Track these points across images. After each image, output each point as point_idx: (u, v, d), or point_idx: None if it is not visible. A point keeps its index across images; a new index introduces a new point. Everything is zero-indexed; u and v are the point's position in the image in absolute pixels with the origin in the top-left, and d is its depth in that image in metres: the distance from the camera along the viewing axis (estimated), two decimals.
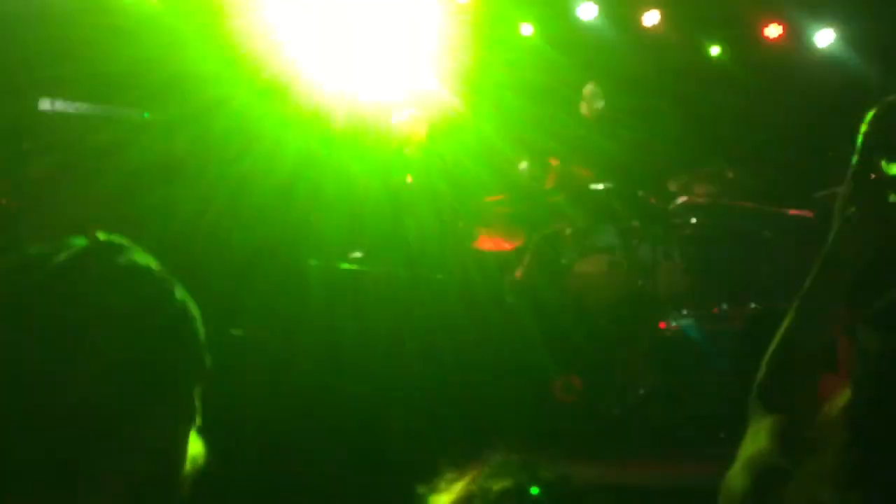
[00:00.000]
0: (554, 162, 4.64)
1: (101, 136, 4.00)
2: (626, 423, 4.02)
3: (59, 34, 4.06)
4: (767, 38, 6.70)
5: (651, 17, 6.67)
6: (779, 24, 6.68)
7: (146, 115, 4.08)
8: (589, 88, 5.68)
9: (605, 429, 4.00)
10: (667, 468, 3.47)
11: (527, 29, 6.53)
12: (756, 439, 1.27)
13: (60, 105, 4.09)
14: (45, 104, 4.06)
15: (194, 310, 0.82)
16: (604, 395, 4.06)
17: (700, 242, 4.61)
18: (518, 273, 5.15)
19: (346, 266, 3.21)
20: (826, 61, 6.65)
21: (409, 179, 3.91)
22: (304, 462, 2.61)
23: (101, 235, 0.81)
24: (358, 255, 3.68)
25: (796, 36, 6.73)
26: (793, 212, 5.24)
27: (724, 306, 4.36)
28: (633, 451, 3.78)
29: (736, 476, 1.22)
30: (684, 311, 4.43)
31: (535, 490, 0.94)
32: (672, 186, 4.95)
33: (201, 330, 0.81)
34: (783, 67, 6.61)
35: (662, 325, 4.36)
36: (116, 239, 0.81)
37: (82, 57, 4.03)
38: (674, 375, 4.14)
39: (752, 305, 4.29)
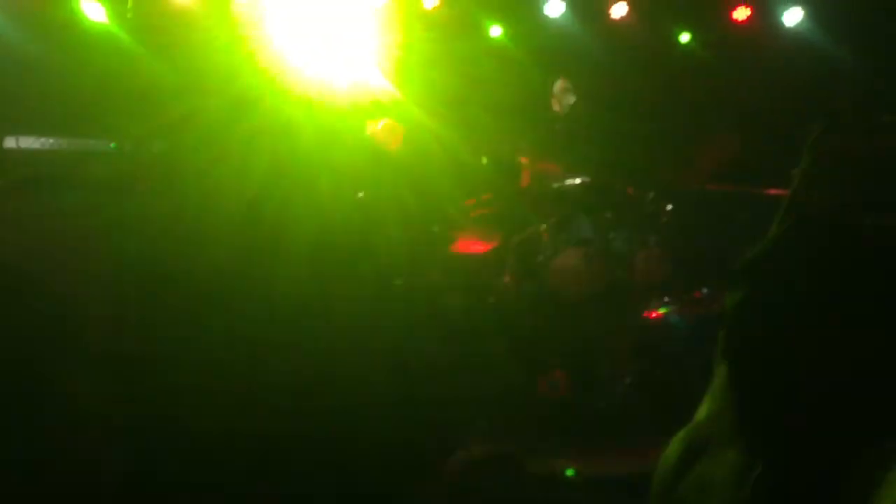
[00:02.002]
0: (525, 160, 4.63)
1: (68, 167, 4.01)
2: (614, 415, 4.01)
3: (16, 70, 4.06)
4: (736, 20, 6.71)
5: (619, 9, 6.68)
6: (746, 7, 6.70)
7: (113, 145, 4.08)
8: (559, 84, 5.69)
9: (592, 422, 3.99)
10: (652, 459, 3.46)
11: (494, 30, 6.54)
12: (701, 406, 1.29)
13: (26, 142, 4.09)
14: (10, 142, 4.06)
15: None
16: (589, 389, 4.04)
17: (677, 228, 4.61)
18: (505, 277, 5.15)
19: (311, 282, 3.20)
20: (796, 41, 6.66)
21: (376, 190, 3.90)
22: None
23: None
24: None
25: (765, 17, 6.75)
26: (770, 191, 5.24)
27: (706, 290, 4.34)
28: (621, 442, 3.77)
29: (671, 445, 1.21)
30: (666, 299, 4.42)
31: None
32: (647, 175, 4.94)
33: None
34: (753, 49, 6.62)
35: (647, 314, 4.35)
36: None
37: (43, 90, 4.04)
38: (659, 363, 4.13)
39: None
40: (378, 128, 5.37)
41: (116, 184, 3.63)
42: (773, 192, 5.38)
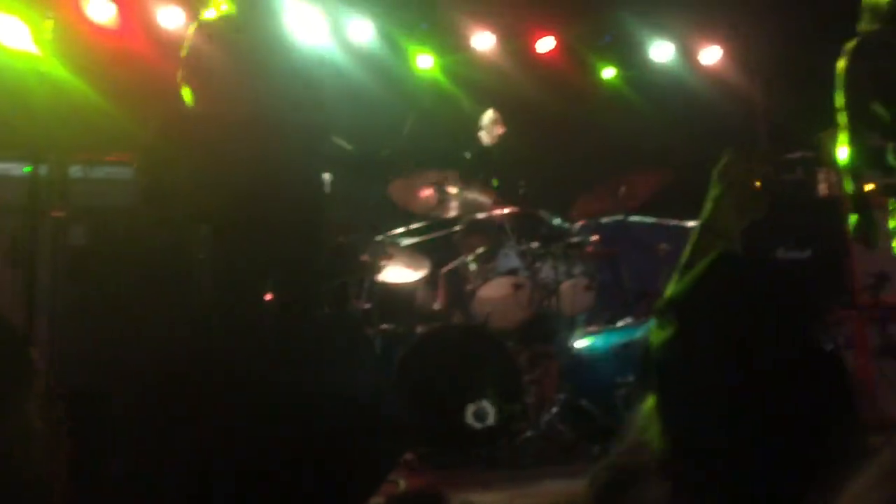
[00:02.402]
0: (454, 190, 4.68)
1: None
2: (541, 444, 4.04)
3: None
4: (657, 58, 6.94)
5: (545, 44, 6.84)
6: (668, 44, 6.94)
7: (27, 169, 3.95)
8: (488, 116, 5.77)
9: (519, 451, 4.01)
10: (579, 487, 3.49)
11: (425, 61, 6.61)
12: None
13: None
14: None
15: None
16: (516, 418, 4.07)
17: (601, 258, 4.70)
18: (436, 304, 5.17)
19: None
20: (714, 78, 6.92)
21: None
22: None
23: None
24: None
25: (685, 55, 7.00)
26: (689, 223, 5.40)
27: (628, 320, 4.43)
28: (548, 472, 3.80)
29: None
30: (591, 328, 4.49)
31: None
32: (572, 206, 5.04)
33: None
34: (674, 85, 6.85)
35: (572, 343, 4.41)
36: None
37: None
38: (584, 391, 4.18)
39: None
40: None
41: (30, 208, 3.52)
42: (692, 223, 5.55)
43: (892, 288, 4.17)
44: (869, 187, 4.88)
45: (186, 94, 3.06)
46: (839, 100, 3.39)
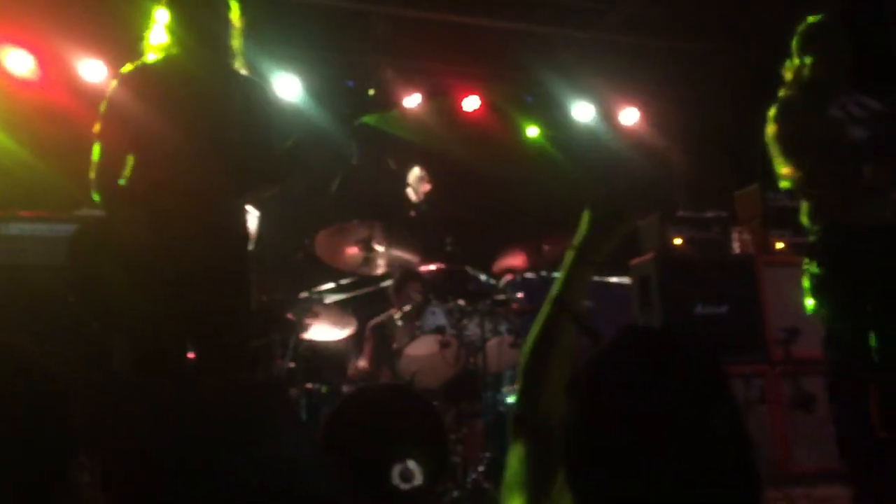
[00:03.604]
0: (381, 247, 4.68)
1: None
2: (467, 503, 4.01)
3: None
4: (578, 118, 7.16)
5: (471, 103, 6.99)
6: (588, 104, 7.17)
7: None
8: (415, 173, 5.83)
9: None
10: None
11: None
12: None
13: None
14: None
15: None
16: (443, 477, 4.03)
17: (526, 315, 4.75)
18: (362, 363, 5.12)
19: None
20: (632, 138, 7.17)
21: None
22: None
23: None
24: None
25: (605, 116, 7.25)
26: (612, 279, 5.52)
27: None
28: None
29: None
30: (516, 385, 4.51)
31: None
32: (497, 263, 5.10)
33: None
34: (595, 145, 7.06)
35: (498, 400, 4.42)
36: None
37: None
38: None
39: None
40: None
41: None
42: (614, 280, 5.67)
43: (803, 342, 4.32)
44: (779, 245, 5.10)
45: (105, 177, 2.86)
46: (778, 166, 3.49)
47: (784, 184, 3.49)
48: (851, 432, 3.32)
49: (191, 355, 2.94)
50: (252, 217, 4.40)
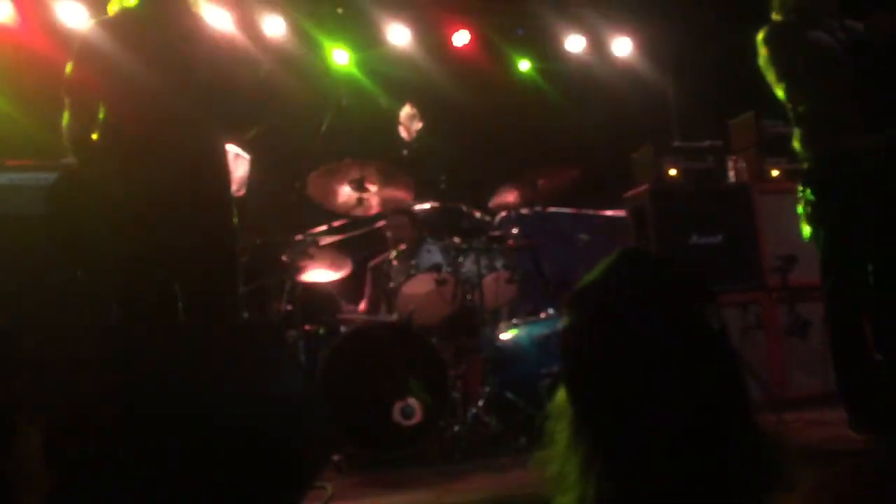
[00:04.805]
0: (374, 186, 4.64)
1: None
2: (468, 438, 4.06)
3: None
4: (570, 50, 7.05)
5: (461, 37, 6.86)
6: (580, 36, 7.05)
7: None
8: (406, 111, 5.74)
9: (447, 447, 4.02)
10: (509, 478, 3.52)
11: (341, 56, 6.55)
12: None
13: None
14: None
15: None
16: (444, 414, 4.07)
17: (522, 251, 4.75)
18: (361, 305, 5.13)
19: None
20: (625, 70, 7.06)
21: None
22: None
23: None
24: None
25: (597, 47, 7.13)
26: (607, 213, 5.51)
27: (551, 311, 4.49)
28: (477, 466, 3.81)
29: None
30: (514, 321, 4.54)
31: None
32: (492, 199, 5.07)
33: None
34: (587, 77, 6.97)
35: (496, 335, 4.44)
36: None
37: None
38: (509, 383, 4.22)
39: None
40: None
41: None
42: (609, 213, 5.66)
43: (800, 270, 4.33)
44: (775, 173, 5.07)
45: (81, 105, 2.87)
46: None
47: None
48: (846, 356, 3.36)
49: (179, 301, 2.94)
50: (243, 161, 4.35)
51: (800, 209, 3.48)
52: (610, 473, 1.02)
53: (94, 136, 2.87)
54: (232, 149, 4.53)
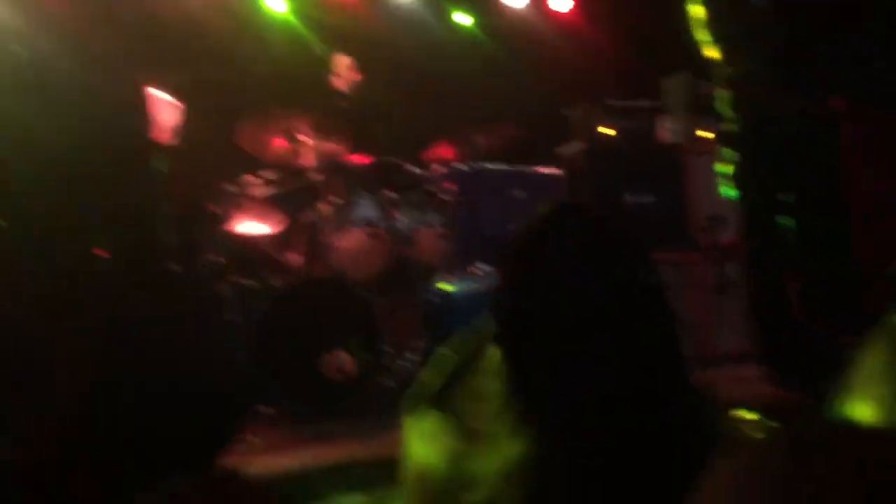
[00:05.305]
0: (308, 137, 4.55)
1: None
2: (401, 392, 4.07)
3: None
4: (509, 4, 6.99)
5: None
6: None
7: None
8: (342, 61, 5.63)
9: (380, 400, 4.03)
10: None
11: (277, 2, 6.37)
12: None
13: None
14: None
15: None
16: (376, 368, 4.08)
17: (457, 205, 4.74)
18: (294, 257, 5.05)
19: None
20: (563, 26, 7.05)
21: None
22: None
23: None
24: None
25: (537, 2, 7.08)
26: (542, 170, 5.53)
27: (485, 266, 4.51)
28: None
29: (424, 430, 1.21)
30: (448, 275, 4.54)
31: None
32: (428, 154, 5.04)
33: None
34: (526, 32, 6.93)
35: (429, 290, 4.44)
36: None
37: None
38: (443, 337, 4.23)
39: None
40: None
41: None
42: (545, 170, 5.68)
43: (729, 230, 4.42)
44: (707, 134, 5.15)
45: None
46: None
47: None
48: (764, 316, 3.47)
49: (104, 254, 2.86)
50: (172, 108, 4.22)
51: (722, 170, 3.55)
52: (542, 432, 1.00)
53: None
54: (161, 95, 4.39)
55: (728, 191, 3.54)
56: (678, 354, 1.05)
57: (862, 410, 0.74)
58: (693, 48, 3.59)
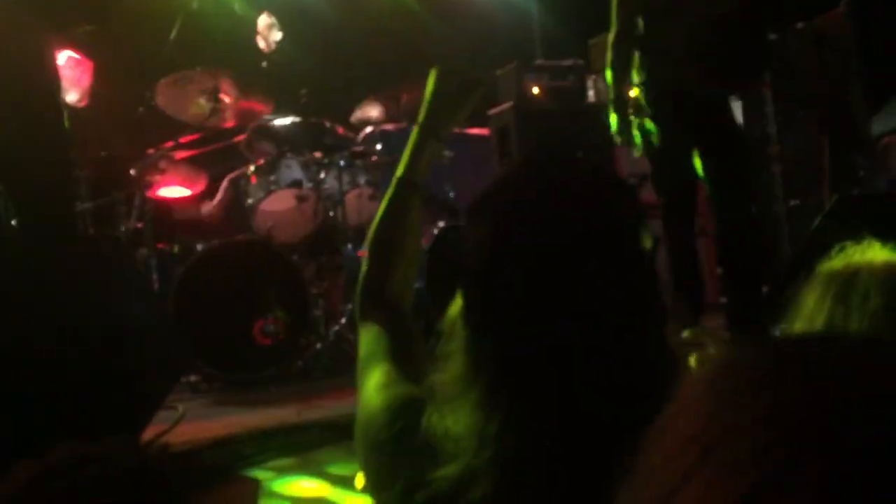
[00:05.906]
0: (230, 98, 4.41)
1: None
2: (330, 356, 4.03)
3: None
4: None
5: None
6: None
7: None
8: (264, 20, 5.46)
9: (308, 364, 3.99)
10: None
11: None
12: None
13: None
14: None
15: None
16: (306, 331, 4.02)
17: (386, 168, 4.67)
18: (207, 215, 4.87)
19: None
20: None
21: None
22: None
23: None
24: None
25: None
26: (471, 130, 5.49)
27: None
28: (338, 383, 3.80)
29: (381, 393, 1.13)
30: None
31: None
32: (355, 114, 4.95)
33: None
34: None
35: (360, 252, 4.39)
36: None
37: None
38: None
39: (440, 224, 4.43)
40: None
41: None
42: (473, 131, 5.65)
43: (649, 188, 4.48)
44: (633, 93, 5.19)
45: None
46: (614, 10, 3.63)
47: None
48: (684, 269, 3.61)
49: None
50: (84, 69, 4.03)
51: (634, 130, 3.66)
52: (514, 399, 0.91)
53: None
54: (70, 55, 4.18)
55: (637, 147, 3.68)
56: (663, 322, 0.96)
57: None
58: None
